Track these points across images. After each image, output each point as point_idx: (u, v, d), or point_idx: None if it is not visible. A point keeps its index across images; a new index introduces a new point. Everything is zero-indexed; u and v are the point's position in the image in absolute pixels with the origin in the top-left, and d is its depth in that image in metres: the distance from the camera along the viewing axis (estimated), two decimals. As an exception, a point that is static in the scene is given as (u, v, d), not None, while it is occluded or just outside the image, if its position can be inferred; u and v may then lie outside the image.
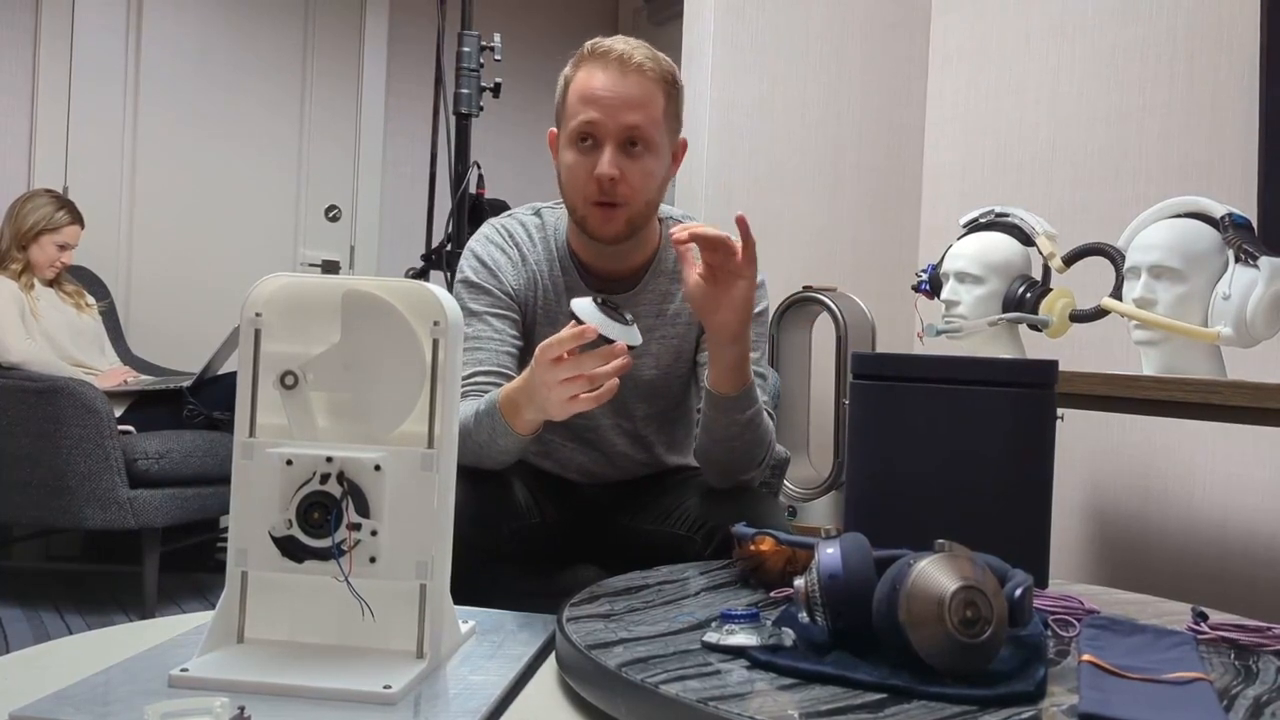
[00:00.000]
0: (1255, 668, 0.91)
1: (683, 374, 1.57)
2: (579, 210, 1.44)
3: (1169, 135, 2.37)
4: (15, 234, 3.08)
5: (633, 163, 1.41)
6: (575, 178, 1.42)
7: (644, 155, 1.42)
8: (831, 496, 2.67)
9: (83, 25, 3.59)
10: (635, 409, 1.56)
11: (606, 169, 1.38)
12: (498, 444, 1.35)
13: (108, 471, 2.72)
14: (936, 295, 2.10)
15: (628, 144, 1.40)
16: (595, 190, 1.40)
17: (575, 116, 1.40)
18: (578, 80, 1.42)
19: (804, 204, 2.90)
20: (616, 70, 1.40)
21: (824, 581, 0.86)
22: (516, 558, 1.46)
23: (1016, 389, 1.15)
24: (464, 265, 1.53)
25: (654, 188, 1.45)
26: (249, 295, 0.92)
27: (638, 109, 1.40)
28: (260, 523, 0.87)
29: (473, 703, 0.82)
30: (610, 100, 1.39)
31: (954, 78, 2.95)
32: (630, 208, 1.42)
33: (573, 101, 1.42)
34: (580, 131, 1.40)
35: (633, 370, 1.53)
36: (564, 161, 1.44)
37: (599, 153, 1.40)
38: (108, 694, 0.81)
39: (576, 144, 1.41)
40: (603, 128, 1.39)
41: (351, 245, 4.14)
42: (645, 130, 1.41)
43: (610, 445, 1.57)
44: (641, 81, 1.40)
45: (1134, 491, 2.43)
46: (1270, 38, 2.06)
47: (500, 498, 1.44)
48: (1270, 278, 1.57)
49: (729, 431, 1.41)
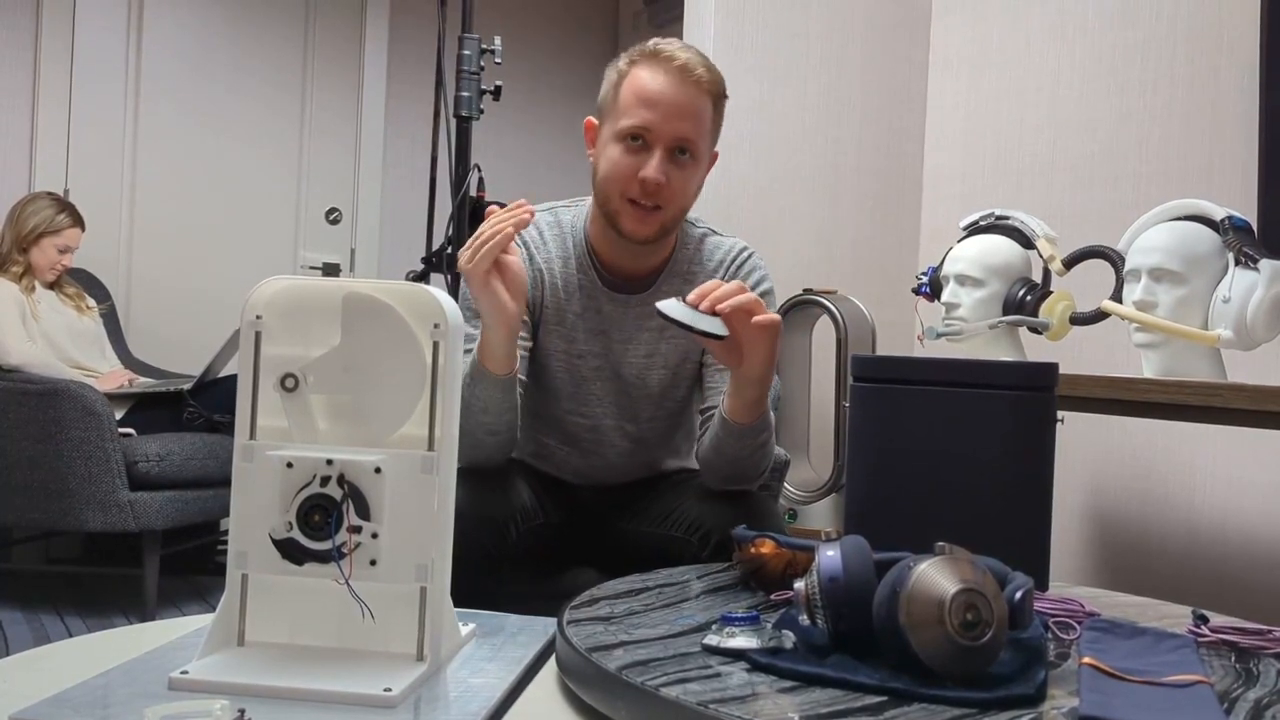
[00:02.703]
0: (1256, 670, 0.91)
1: (689, 376, 1.57)
2: (613, 204, 1.45)
3: (1169, 138, 2.37)
4: (16, 236, 3.08)
5: (678, 170, 1.43)
6: (618, 173, 1.43)
7: (689, 164, 1.44)
8: (832, 499, 2.67)
9: (83, 28, 3.60)
10: (641, 411, 1.56)
11: (654, 174, 1.40)
12: (477, 397, 1.36)
13: (108, 474, 2.72)
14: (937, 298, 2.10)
15: (676, 151, 1.42)
16: (637, 190, 1.42)
17: (628, 114, 1.42)
18: (635, 78, 1.43)
19: (804, 206, 2.90)
20: (677, 78, 1.41)
21: (824, 584, 0.86)
22: (522, 559, 1.46)
23: (1017, 392, 1.15)
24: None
25: (691, 195, 1.48)
26: (249, 298, 0.92)
27: (691, 119, 1.42)
28: (260, 525, 0.87)
29: (473, 705, 0.82)
30: (667, 106, 1.41)
31: (954, 80, 2.95)
32: (667, 212, 1.44)
33: (627, 98, 1.43)
34: (632, 130, 1.41)
35: (641, 373, 1.54)
36: (607, 155, 1.45)
37: (647, 155, 1.41)
38: (108, 696, 0.81)
39: (625, 141, 1.42)
40: (656, 132, 1.41)
41: (352, 248, 4.14)
42: (694, 141, 1.43)
43: (611, 447, 1.57)
44: (698, 93, 1.43)
45: (1134, 494, 2.43)
46: (1270, 40, 2.06)
47: (508, 499, 1.44)
48: (1270, 280, 1.57)
49: (739, 454, 1.43)
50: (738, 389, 1.38)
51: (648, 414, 1.57)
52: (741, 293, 1.27)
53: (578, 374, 1.54)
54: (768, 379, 1.36)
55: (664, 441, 1.61)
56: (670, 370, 1.55)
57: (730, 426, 1.41)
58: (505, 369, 1.36)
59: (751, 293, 1.29)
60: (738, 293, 1.27)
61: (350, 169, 4.14)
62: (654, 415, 1.57)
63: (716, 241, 1.58)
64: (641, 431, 1.58)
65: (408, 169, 4.17)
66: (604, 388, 1.55)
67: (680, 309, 1.26)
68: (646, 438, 1.59)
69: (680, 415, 1.60)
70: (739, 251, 1.58)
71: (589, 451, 1.57)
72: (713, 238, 1.59)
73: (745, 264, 1.57)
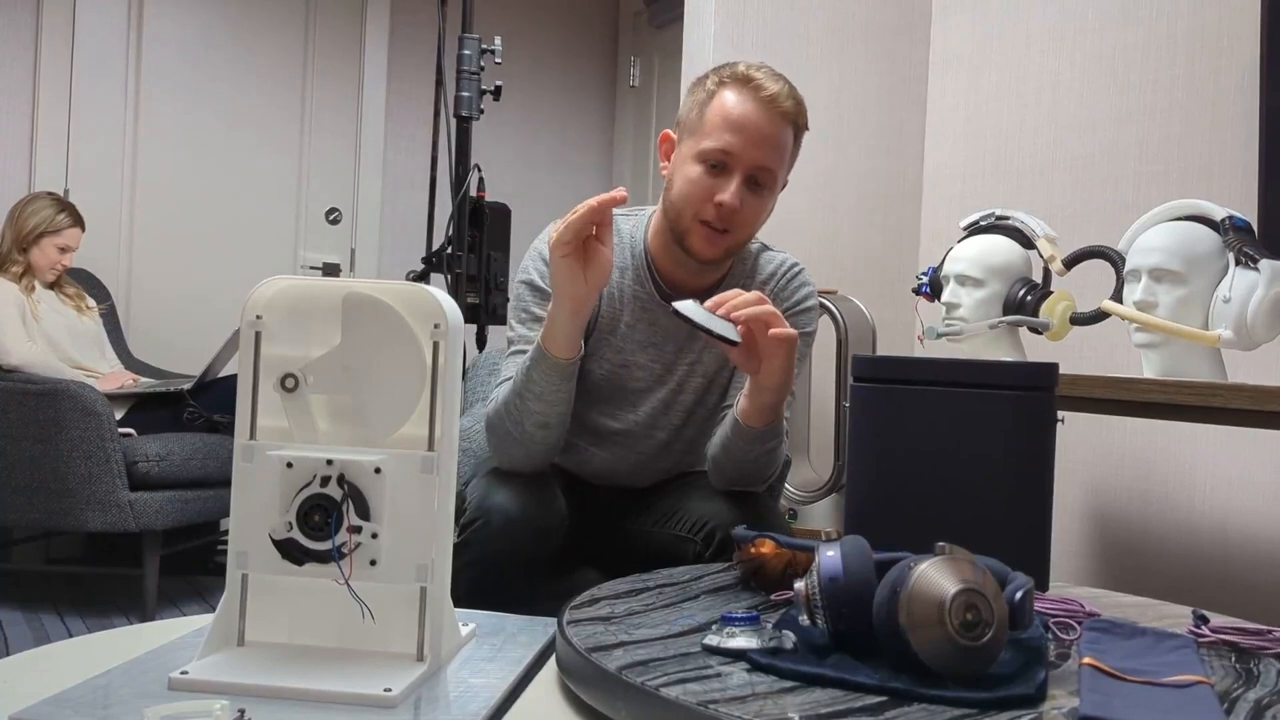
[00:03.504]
0: (1256, 671, 0.91)
1: (722, 385, 1.58)
2: (684, 222, 1.45)
3: (1169, 138, 2.37)
4: (16, 236, 3.08)
5: (754, 198, 1.44)
6: (695, 193, 1.44)
7: (764, 193, 1.46)
8: (832, 499, 2.67)
9: (84, 28, 3.60)
10: (674, 418, 1.57)
11: (731, 199, 1.41)
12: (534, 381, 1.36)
13: (108, 474, 2.72)
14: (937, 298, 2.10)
15: (753, 180, 1.43)
16: (712, 213, 1.43)
17: (712, 136, 1.42)
18: (723, 100, 1.44)
19: (804, 206, 2.90)
20: (765, 106, 1.42)
21: (824, 584, 0.86)
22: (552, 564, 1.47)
23: (1017, 392, 1.14)
24: (529, 267, 1.53)
25: (761, 222, 1.50)
26: (249, 298, 0.92)
27: (773, 149, 1.44)
28: (260, 525, 0.87)
29: (473, 705, 0.82)
30: (752, 133, 1.42)
31: (954, 80, 2.95)
32: (735, 237, 1.46)
33: (714, 119, 1.43)
34: (715, 155, 1.42)
35: (682, 382, 1.54)
36: (684, 173, 1.45)
37: (725, 179, 1.42)
38: (108, 696, 0.81)
39: (706, 163, 1.43)
40: (737, 158, 1.42)
41: (352, 248, 4.14)
42: (774, 170, 1.45)
43: (638, 452, 1.57)
44: (784, 124, 1.45)
45: (1134, 494, 2.43)
46: (1270, 40, 2.06)
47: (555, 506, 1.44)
48: (1270, 280, 1.57)
49: (748, 456, 1.44)
50: (753, 393, 1.39)
51: (679, 420, 1.58)
52: (761, 304, 1.29)
53: (619, 382, 1.55)
54: (784, 389, 1.37)
55: (691, 447, 1.62)
56: (707, 379, 1.56)
57: (741, 429, 1.41)
58: (567, 354, 1.37)
59: (768, 305, 1.29)
60: (756, 304, 1.28)
61: (350, 169, 4.14)
62: (685, 422, 1.58)
63: (769, 256, 1.60)
64: (671, 437, 1.58)
65: (408, 169, 4.17)
66: (643, 396, 1.56)
67: (696, 310, 1.28)
68: (674, 443, 1.59)
69: (709, 423, 1.59)
70: (789, 267, 1.60)
71: (615, 454, 1.58)
72: (766, 252, 1.61)
73: (794, 280, 1.59)
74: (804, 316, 1.57)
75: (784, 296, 1.57)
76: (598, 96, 4.59)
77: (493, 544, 1.34)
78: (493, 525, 1.34)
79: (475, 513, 1.36)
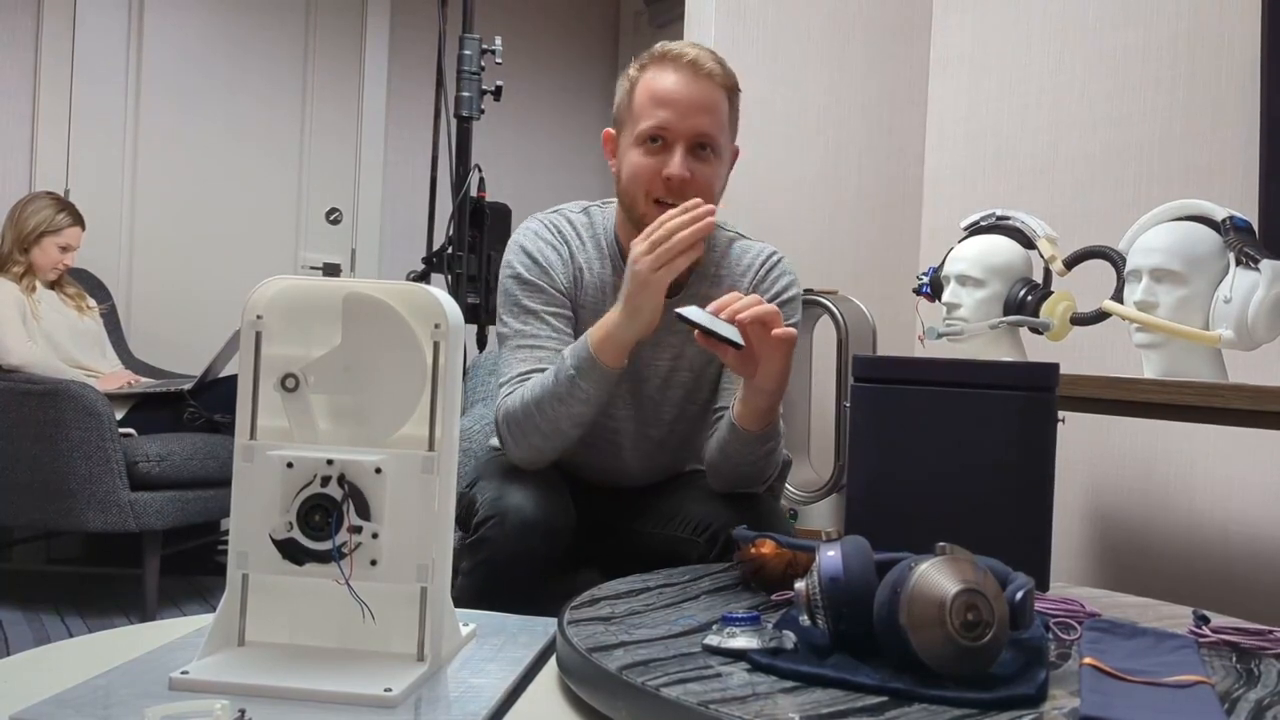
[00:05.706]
0: (1257, 671, 0.91)
1: (712, 380, 1.57)
2: (640, 207, 1.45)
3: (1170, 138, 2.37)
4: (17, 236, 3.08)
5: (701, 165, 1.43)
6: (642, 174, 1.43)
7: (711, 159, 1.44)
8: (832, 499, 2.67)
9: (84, 29, 3.60)
10: (664, 415, 1.56)
11: (678, 170, 1.40)
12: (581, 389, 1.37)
13: (109, 474, 2.72)
14: (937, 298, 2.10)
15: (697, 147, 1.43)
16: (662, 189, 1.42)
17: (645, 117, 1.42)
18: (647, 81, 1.44)
19: (805, 207, 2.90)
20: (689, 74, 1.42)
21: (825, 584, 0.85)
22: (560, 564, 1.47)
23: (1017, 392, 1.14)
24: (513, 260, 1.52)
25: (716, 191, 1.47)
26: (250, 298, 0.92)
27: (707, 113, 1.42)
28: (261, 525, 0.87)
29: (473, 705, 0.82)
30: (682, 103, 1.41)
31: (955, 81, 2.95)
32: None
33: (642, 102, 1.43)
34: (650, 132, 1.42)
35: (666, 376, 1.54)
36: (628, 160, 1.45)
37: (667, 154, 1.42)
38: (108, 697, 0.81)
39: (645, 144, 1.43)
40: (674, 130, 1.41)
41: (352, 248, 4.14)
42: (713, 135, 1.43)
43: (632, 450, 1.57)
44: (711, 87, 1.43)
45: (1135, 494, 2.43)
46: (1271, 40, 2.06)
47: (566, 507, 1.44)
48: (1271, 280, 1.57)
49: (745, 459, 1.44)
50: (748, 397, 1.38)
51: (670, 417, 1.56)
52: (760, 304, 1.28)
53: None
54: (779, 391, 1.37)
55: (686, 444, 1.61)
56: (694, 374, 1.55)
57: (738, 432, 1.41)
58: (620, 363, 1.39)
59: (770, 305, 1.29)
60: (756, 304, 1.28)
61: (351, 169, 4.14)
62: (676, 419, 1.57)
63: (745, 245, 1.58)
64: (663, 435, 1.57)
65: (408, 169, 4.17)
66: (627, 389, 1.54)
67: (701, 314, 1.28)
68: (668, 441, 1.58)
69: (702, 419, 1.59)
70: (768, 256, 1.58)
71: (610, 454, 1.57)
72: (741, 242, 1.58)
73: (774, 269, 1.57)
74: (787, 308, 1.54)
75: (765, 288, 1.55)
76: (598, 97, 4.59)
77: (507, 543, 1.34)
78: (508, 525, 1.34)
79: (490, 511, 1.36)
